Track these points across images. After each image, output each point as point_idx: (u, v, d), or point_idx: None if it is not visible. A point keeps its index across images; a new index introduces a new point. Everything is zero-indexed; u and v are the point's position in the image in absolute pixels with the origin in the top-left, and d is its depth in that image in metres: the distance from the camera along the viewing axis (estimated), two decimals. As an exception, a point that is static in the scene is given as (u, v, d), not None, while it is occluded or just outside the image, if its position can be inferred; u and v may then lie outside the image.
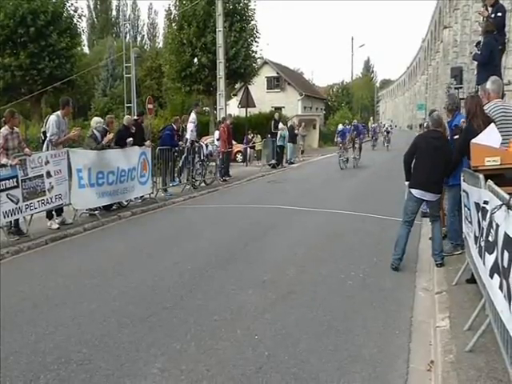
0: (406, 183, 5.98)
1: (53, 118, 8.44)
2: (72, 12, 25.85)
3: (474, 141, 4.60)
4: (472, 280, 4.51)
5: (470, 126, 5.02)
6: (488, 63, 7.40)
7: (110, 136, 9.66)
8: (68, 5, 25.59)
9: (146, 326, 4.33)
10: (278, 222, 9.00)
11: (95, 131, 9.57)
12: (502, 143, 4.61)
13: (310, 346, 3.91)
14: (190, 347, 3.91)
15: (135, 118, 11.85)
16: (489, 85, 5.43)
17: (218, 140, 15.93)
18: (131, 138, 10.33)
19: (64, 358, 3.74)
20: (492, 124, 4.79)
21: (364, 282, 5.47)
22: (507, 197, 3.00)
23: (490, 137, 4.49)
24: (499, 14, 7.64)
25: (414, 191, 5.81)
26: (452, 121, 6.36)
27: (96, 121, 9.89)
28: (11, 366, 3.62)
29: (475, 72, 9.31)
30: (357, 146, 20.42)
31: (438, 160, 5.62)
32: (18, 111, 8.11)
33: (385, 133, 35.50)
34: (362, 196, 12.15)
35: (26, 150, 7.69)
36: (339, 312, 4.62)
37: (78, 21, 26.53)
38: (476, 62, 8.37)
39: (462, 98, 8.28)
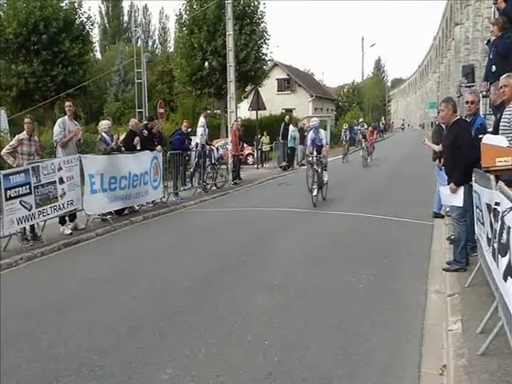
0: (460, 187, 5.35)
1: (58, 120, 8.69)
2: (84, 19, 26.13)
3: (484, 141, 4.55)
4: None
5: None
6: (510, 56, 7.31)
7: (119, 137, 9.98)
8: (80, 12, 25.89)
9: (157, 332, 4.34)
10: (287, 225, 8.99)
11: (104, 134, 9.76)
12: None
13: (320, 351, 3.89)
14: (200, 353, 3.91)
15: (145, 122, 11.98)
16: None
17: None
18: (137, 138, 10.47)
19: (76, 364, 3.77)
20: None
21: (375, 285, 5.42)
22: (517, 198, 2.95)
23: (496, 136, 4.42)
24: None
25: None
26: (475, 120, 5.80)
27: (103, 124, 10.09)
28: (24, 373, 3.66)
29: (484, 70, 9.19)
30: None
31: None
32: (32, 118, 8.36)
33: (343, 137, 20.28)
34: (374, 196, 12.07)
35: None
36: (350, 315, 4.59)
37: (90, 28, 26.84)
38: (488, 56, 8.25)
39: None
